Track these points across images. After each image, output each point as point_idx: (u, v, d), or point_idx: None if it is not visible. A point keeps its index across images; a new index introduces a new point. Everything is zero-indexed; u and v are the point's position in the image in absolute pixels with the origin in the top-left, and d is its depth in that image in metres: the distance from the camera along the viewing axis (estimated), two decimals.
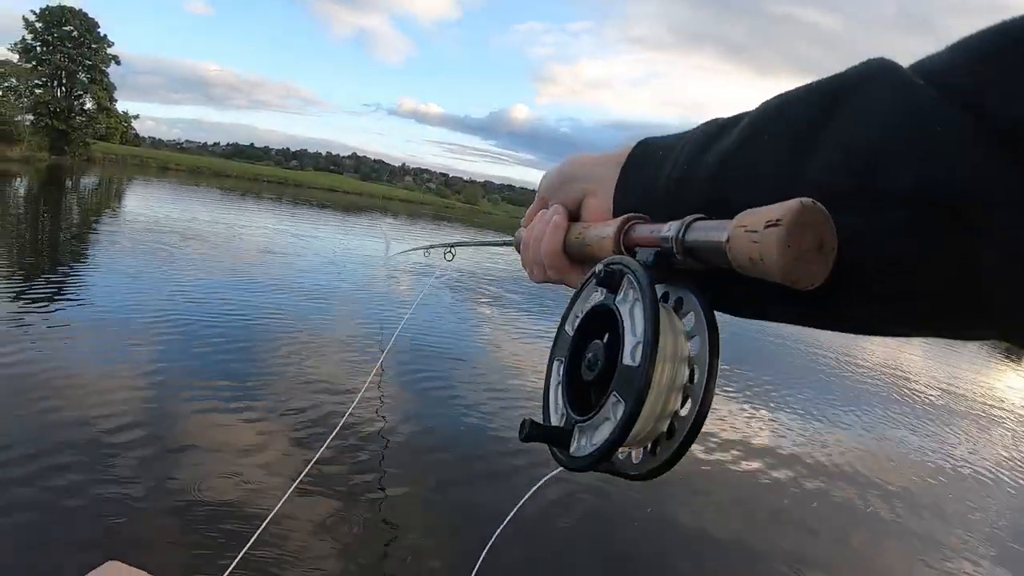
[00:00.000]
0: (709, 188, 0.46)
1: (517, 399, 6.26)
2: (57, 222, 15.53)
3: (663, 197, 0.51)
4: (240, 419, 4.75)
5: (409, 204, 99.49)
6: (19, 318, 6.23)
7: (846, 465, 6.44)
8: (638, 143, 0.58)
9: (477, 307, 10.78)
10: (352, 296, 9.81)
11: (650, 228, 0.49)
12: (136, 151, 75.57)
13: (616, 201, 0.57)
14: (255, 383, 5.49)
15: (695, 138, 0.51)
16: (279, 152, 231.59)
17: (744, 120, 0.47)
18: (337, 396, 5.44)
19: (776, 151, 0.42)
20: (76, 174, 37.76)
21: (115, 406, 4.57)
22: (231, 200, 32.17)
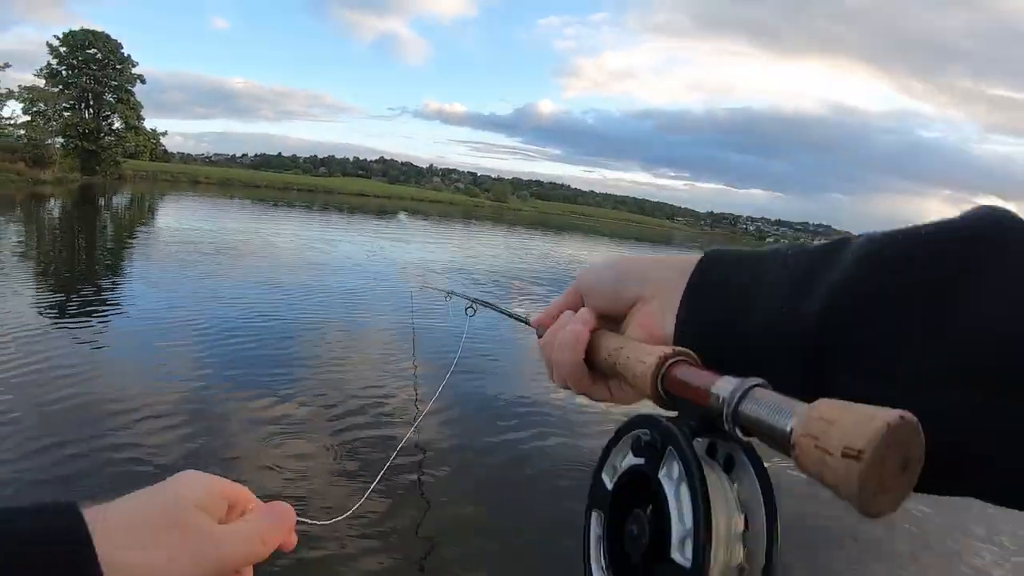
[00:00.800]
0: (808, 331, 0.42)
1: (578, 430, 5.70)
2: (92, 240, 15.80)
3: (745, 333, 0.46)
4: (285, 431, 4.69)
5: (438, 205, 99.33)
6: (64, 334, 6.41)
7: None
8: (707, 254, 0.53)
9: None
10: (395, 307, 9.32)
11: (700, 377, 0.43)
12: (166, 167, 76.44)
13: (680, 320, 0.52)
14: (302, 395, 5.39)
15: (788, 265, 0.46)
16: (307, 160, 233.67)
17: (855, 257, 0.42)
18: (389, 417, 5.25)
19: (908, 314, 0.38)
20: (108, 192, 38.34)
21: (161, 419, 4.57)
22: (263, 210, 32.18)
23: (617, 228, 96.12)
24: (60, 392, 4.97)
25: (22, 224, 18.37)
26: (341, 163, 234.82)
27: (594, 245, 35.69)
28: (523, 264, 17.24)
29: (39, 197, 28.78)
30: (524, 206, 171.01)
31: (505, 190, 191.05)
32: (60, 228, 18.79)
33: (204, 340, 6.65)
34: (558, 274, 16.45)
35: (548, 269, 17.38)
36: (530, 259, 19.32)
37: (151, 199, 34.68)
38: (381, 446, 4.52)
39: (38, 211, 23.08)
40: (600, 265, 0.61)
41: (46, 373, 5.37)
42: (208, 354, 6.24)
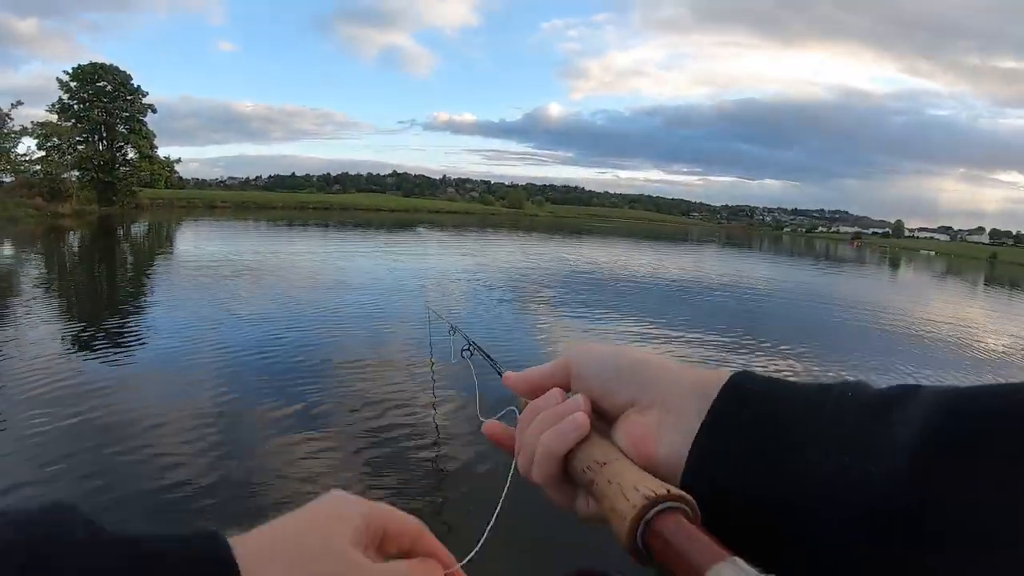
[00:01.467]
0: (883, 496, 0.35)
1: None
2: (114, 269, 15.97)
3: (782, 492, 0.39)
4: (314, 455, 4.52)
5: (454, 215, 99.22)
6: (90, 357, 6.46)
7: None
8: (737, 378, 0.46)
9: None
10: (415, 323, 9.05)
11: (697, 545, 0.35)
12: (182, 193, 77.05)
13: (699, 446, 0.44)
14: (330, 417, 5.24)
15: (841, 410, 0.40)
16: (321, 178, 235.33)
17: (940, 409, 0.36)
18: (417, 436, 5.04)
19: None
20: (126, 222, 38.65)
21: (188, 443, 4.50)
22: (279, 231, 32.14)
23: (633, 227, 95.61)
24: (88, 414, 4.96)
25: (44, 257, 18.56)
26: (355, 179, 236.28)
27: (611, 245, 35.34)
28: (540, 268, 16.96)
29: (59, 230, 29.10)
30: (540, 211, 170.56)
31: (520, 196, 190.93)
32: (81, 259, 18.98)
33: (227, 362, 6.56)
34: (574, 276, 16.15)
35: (565, 272, 17.07)
36: (547, 263, 19.06)
37: (169, 226, 34.85)
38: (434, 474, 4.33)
39: (59, 244, 23.38)
40: (600, 351, 0.54)
41: (74, 395, 5.38)
42: (232, 376, 6.14)
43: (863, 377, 3.16)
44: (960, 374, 8.34)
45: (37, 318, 8.62)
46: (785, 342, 9.01)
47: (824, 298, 16.34)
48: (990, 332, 13.12)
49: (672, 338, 8.79)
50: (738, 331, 9.54)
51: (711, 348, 8.36)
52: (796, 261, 35.80)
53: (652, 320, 10.00)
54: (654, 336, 8.83)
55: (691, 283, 16.66)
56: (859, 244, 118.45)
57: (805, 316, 12.62)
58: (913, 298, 20.03)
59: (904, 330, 11.81)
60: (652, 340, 8.59)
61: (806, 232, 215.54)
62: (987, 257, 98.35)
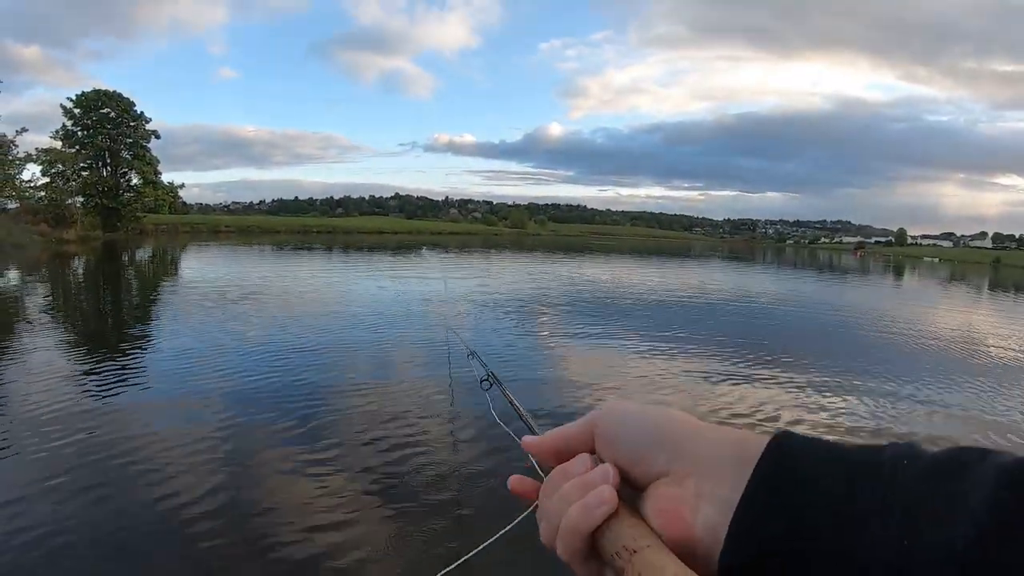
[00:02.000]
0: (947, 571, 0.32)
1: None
2: (119, 293, 15.92)
3: (836, 568, 0.36)
4: (320, 483, 4.42)
5: (458, 236, 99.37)
6: (97, 381, 6.46)
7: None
8: (777, 438, 0.43)
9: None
10: (425, 346, 8.97)
11: None
12: (186, 218, 77.51)
13: (739, 522, 0.40)
14: (341, 445, 5.13)
15: (896, 477, 0.37)
16: (323, 202, 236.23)
17: (1007, 478, 0.33)
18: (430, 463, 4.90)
19: None
20: (131, 247, 38.79)
21: (196, 472, 4.43)
22: (283, 255, 32.16)
23: (636, 244, 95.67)
24: (93, 437, 4.95)
25: (49, 283, 18.59)
26: (357, 202, 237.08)
27: (614, 263, 35.34)
28: (545, 288, 16.95)
29: (64, 256, 29.25)
30: (542, 230, 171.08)
31: (522, 216, 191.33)
32: (87, 285, 19.00)
33: (233, 387, 6.54)
34: (580, 295, 16.13)
35: (571, 291, 17.06)
36: (552, 283, 19.05)
37: (173, 251, 34.97)
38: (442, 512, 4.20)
39: (64, 270, 23.47)
40: (628, 412, 0.49)
41: (79, 418, 5.37)
42: (238, 401, 6.10)
43: (891, 404, 3.18)
44: (970, 380, 8.28)
45: (43, 343, 8.64)
46: (794, 354, 8.98)
47: (830, 309, 16.31)
48: (997, 336, 13.06)
49: (683, 353, 8.75)
50: (747, 345, 9.50)
51: (722, 362, 8.31)
52: (800, 273, 35.74)
53: (660, 336, 9.96)
54: (664, 351, 8.79)
55: (697, 298, 16.64)
56: (862, 254, 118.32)
57: (812, 327, 12.60)
58: (919, 305, 19.95)
59: (912, 338, 11.77)
60: (662, 355, 8.55)
61: (809, 244, 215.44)
62: (991, 262, 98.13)
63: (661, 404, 0.41)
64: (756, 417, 6.04)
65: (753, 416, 6.08)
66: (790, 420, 6.05)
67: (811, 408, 6.55)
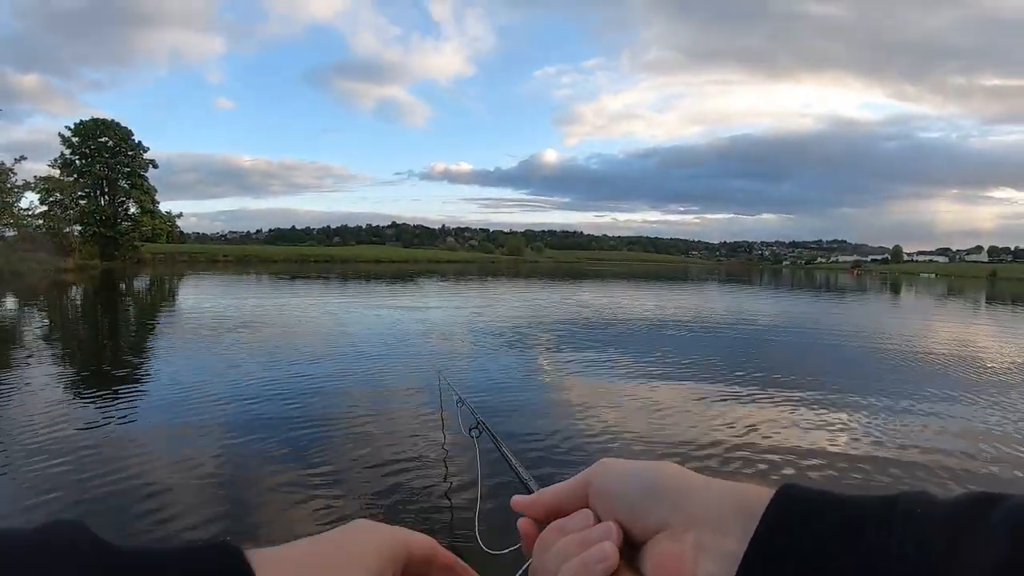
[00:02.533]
0: None
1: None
2: (116, 323, 15.86)
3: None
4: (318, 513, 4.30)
5: (455, 264, 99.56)
6: (93, 409, 6.46)
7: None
8: (782, 490, 0.41)
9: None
10: (418, 388, 8.76)
11: None
12: (183, 248, 77.55)
13: (746, 574, 0.39)
14: (334, 476, 5.01)
15: (907, 530, 0.35)
16: (320, 231, 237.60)
17: (1017, 526, 0.32)
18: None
19: None
20: (129, 277, 38.49)
21: (188, 499, 4.39)
22: (281, 285, 31.96)
23: (633, 269, 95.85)
24: (86, 463, 4.95)
25: (47, 311, 18.51)
26: (355, 231, 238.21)
27: (611, 288, 35.23)
28: (543, 316, 16.86)
29: (62, 284, 29.16)
30: (539, 257, 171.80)
31: (519, 243, 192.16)
32: (85, 313, 18.93)
33: (227, 418, 6.51)
34: (577, 322, 16.05)
35: (566, 318, 16.96)
36: (549, 310, 18.98)
37: (171, 281, 34.82)
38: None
39: (62, 298, 23.34)
40: (625, 468, 0.48)
41: (72, 445, 5.37)
42: (231, 432, 6.05)
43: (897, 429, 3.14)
44: (970, 394, 8.26)
45: (38, 371, 8.62)
46: (792, 375, 8.86)
47: (830, 328, 16.21)
48: (994, 349, 13.05)
49: (683, 379, 8.65)
50: (747, 368, 9.33)
51: (722, 387, 8.20)
52: (798, 294, 35.64)
53: (659, 363, 9.78)
54: (664, 378, 8.69)
55: (695, 322, 16.55)
56: (859, 272, 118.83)
57: (810, 347, 12.54)
58: (916, 322, 19.88)
59: (910, 354, 11.71)
60: (662, 382, 8.45)
61: (805, 264, 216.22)
62: (987, 275, 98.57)
63: (656, 459, 0.47)
64: (759, 439, 5.95)
65: (756, 438, 5.97)
66: (793, 440, 5.93)
67: (817, 426, 6.47)
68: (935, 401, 7.70)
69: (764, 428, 6.28)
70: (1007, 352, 12.55)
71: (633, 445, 5.66)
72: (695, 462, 5.06)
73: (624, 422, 6.43)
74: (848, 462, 5.36)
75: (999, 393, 8.29)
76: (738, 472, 4.99)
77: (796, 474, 4.97)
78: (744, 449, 5.58)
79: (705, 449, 5.56)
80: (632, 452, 5.39)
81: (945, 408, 7.42)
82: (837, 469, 5.19)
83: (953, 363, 10.76)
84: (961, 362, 10.93)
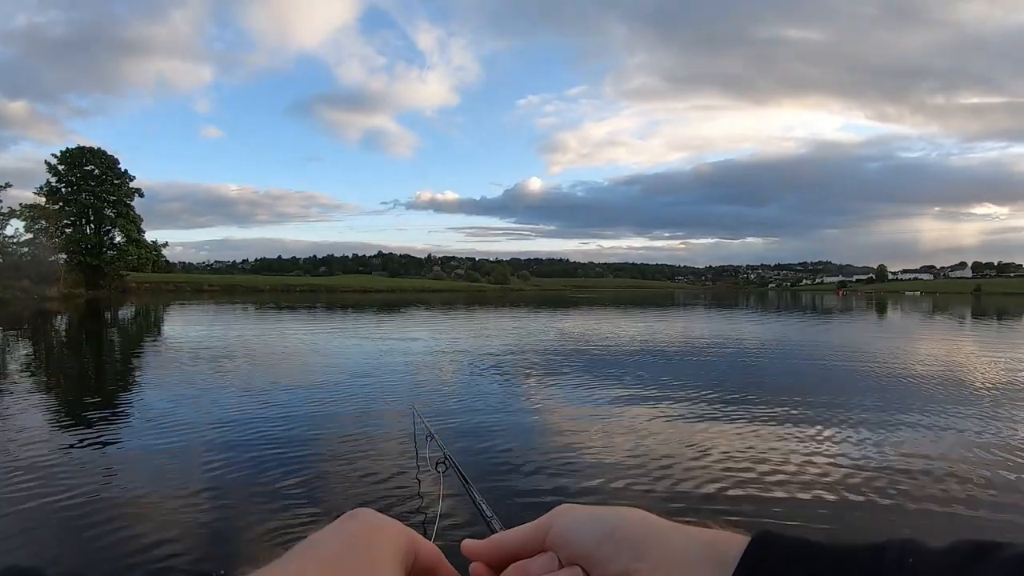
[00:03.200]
0: None
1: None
2: (100, 353, 15.61)
3: None
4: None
5: (441, 294, 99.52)
6: (74, 440, 6.33)
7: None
8: (758, 537, 0.39)
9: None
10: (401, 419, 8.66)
11: None
12: (169, 277, 77.11)
13: None
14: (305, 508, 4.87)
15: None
16: (307, 260, 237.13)
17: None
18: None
19: None
20: (114, 306, 37.95)
21: (166, 529, 4.28)
22: (266, 314, 31.60)
23: (619, 295, 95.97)
24: (67, 492, 4.87)
25: (31, 340, 18.27)
26: (341, 261, 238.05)
27: (597, 315, 35.08)
28: (525, 344, 16.82)
29: (47, 313, 28.75)
30: (526, 286, 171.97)
31: (505, 272, 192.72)
32: (69, 343, 18.70)
33: (208, 451, 6.40)
34: (559, 350, 16.01)
35: (550, 346, 16.86)
36: (531, 338, 18.94)
37: (156, 310, 34.46)
38: None
39: (46, 327, 22.96)
40: (586, 512, 0.46)
41: (58, 477, 5.27)
42: (210, 464, 5.94)
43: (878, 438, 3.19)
44: (958, 409, 8.29)
45: (20, 400, 8.54)
46: (780, 397, 8.84)
47: (816, 349, 16.26)
48: (980, 364, 13.15)
49: (667, 403, 8.58)
50: (733, 390, 9.30)
51: (706, 409, 8.13)
52: (784, 316, 35.78)
53: (642, 388, 9.67)
54: (645, 403, 8.59)
55: (681, 346, 16.51)
56: (844, 293, 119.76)
57: (797, 369, 12.55)
58: (902, 340, 19.98)
59: (897, 372, 11.75)
60: (643, 407, 8.39)
61: (791, 286, 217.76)
62: (972, 291, 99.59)
63: (616, 504, 0.45)
64: (747, 461, 5.91)
65: (744, 461, 5.94)
66: (780, 458, 5.92)
67: (807, 447, 6.40)
68: (924, 420, 7.64)
69: (749, 454, 6.13)
70: (992, 369, 12.65)
71: (610, 480, 5.39)
72: (677, 494, 4.92)
73: (602, 455, 6.11)
74: (833, 487, 5.17)
75: (992, 409, 8.31)
76: (721, 501, 4.80)
77: (783, 499, 4.80)
78: (729, 478, 5.43)
79: (686, 482, 5.30)
80: (608, 487, 5.14)
81: (935, 425, 7.40)
82: (825, 494, 5.02)
83: (940, 381, 10.80)
84: (949, 380, 10.98)
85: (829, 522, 4.23)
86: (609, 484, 5.15)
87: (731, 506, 4.65)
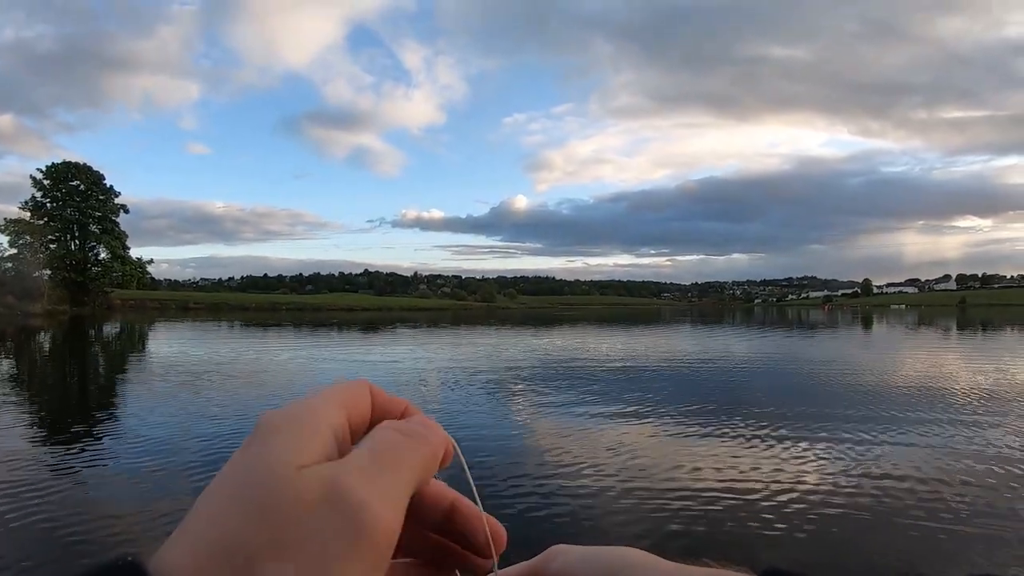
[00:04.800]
0: None
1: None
2: (84, 370, 15.43)
3: None
4: None
5: (427, 312, 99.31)
6: (57, 459, 6.33)
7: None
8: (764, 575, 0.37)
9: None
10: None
11: None
12: (154, 294, 76.69)
13: None
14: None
15: None
16: (293, 279, 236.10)
17: None
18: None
19: None
20: (99, 323, 37.53)
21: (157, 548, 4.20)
22: (252, 333, 31.42)
23: (605, 313, 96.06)
24: (52, 516, 4.82)
25: (14, 357, 18.09)
26: (327, 279, 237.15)
27: (584, 333, 35.09)
28: (515, 365, 16.81)
29: (30, 330, 28.48)
30: (512, 303, 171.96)
31: (491, 290, 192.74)
32: (52, 360, 18.51)
33: (196, 463, 6.46)
34: (545, 368, 15.98)
35: (537, 363, 16.84)
36: (518, 356, 18.90)
37: (141, 328, 34.20)
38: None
39: (29, 344, 22.73)
40: (582, 552, 0.43)
41: (39, 496, 5.24)
42: (198, 475, 5.99)
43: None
44: (944, 421, 8.32)
45: (2, 420, 8.43)
46: (768, 411, 8.86)
47: (802, 364, 16.35)
48: (966, 376, 13.27)
49: (654, 421, 8.56)
50: (720, 407, 9.29)
51: (693, 427, 8.11)
52: (770, 332, 35.91)
53: (629, 405, 9.62)
54: (633, 420, 8.56)
55: (667, 363, 16.55)
56: (830, 308, 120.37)
57: (784, 384, 12.61)
58: (888, 353, 20.19)
59: (883, 385, 11.85)
60: (636, 426, 8.34)
61: (777, 302, 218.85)
62: (956, 303, 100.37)
63: (615, 543, 0.29)
64: (743, 484, 5.83)
65: (737, 480, 5.90)
66: (767, 476, 5.87)
67: (795, 464, 6.42)
68: (914, 432, 7.68)
69: (748, 471, 6.09)
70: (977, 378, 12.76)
71: (605, 507, 5.27)
72: (677, 514, 4.89)
73: (596, 480, 5.87)
74: (829, 502, 5.18)
75: (981, 419, 8.36)
76: (711, 523, 4.72)
77: (772, 521, 4.67)
78: (726, 496, 5.35)
79: (684, 500, 5.24)
80: (605, 515, 5.05)
81: (923, 439, 7.40)
82: (822, 510, 5.05)
83: (927, 393, 10.84)
84: (935, 392, 11.03)
85: (824, 542, 4.26)
86: (597, 508, 5.08)
87: (719, 528, 4.62)
